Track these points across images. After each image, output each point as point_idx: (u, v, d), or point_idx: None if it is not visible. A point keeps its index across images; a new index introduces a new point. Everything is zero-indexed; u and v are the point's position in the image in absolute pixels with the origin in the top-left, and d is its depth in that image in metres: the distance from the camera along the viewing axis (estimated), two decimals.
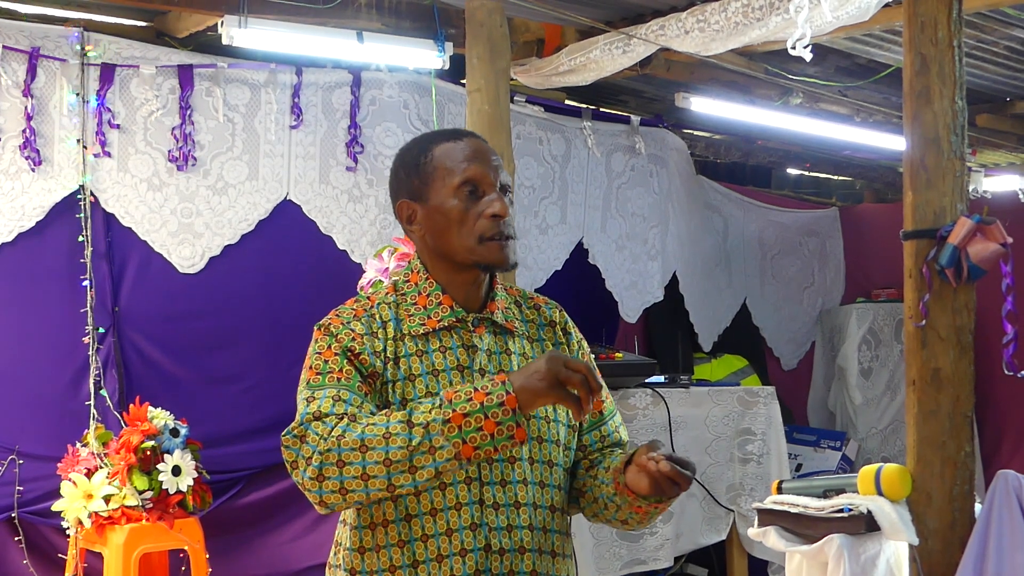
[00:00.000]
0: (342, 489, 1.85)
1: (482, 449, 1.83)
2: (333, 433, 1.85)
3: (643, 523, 2.08)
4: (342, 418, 1.88)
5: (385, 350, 2.00)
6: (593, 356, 2.27)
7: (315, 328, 2.04)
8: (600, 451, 2.17)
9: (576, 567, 2.16)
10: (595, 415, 2.18)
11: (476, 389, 1.85)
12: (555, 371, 1.83)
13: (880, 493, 3.44)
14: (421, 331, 2.03)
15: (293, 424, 1.92)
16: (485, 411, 1.82)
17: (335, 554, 2.08)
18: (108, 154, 4.58)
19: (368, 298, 2.09)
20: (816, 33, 3.85)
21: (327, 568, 2.11)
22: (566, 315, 2.21)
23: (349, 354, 1.97)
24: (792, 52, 3.63)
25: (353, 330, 2.00)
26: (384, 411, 1.91)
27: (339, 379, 1.95)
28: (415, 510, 1.96)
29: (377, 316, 2.04)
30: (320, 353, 1.99)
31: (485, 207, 2.03)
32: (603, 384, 2.22)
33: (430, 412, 1.83)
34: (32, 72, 4.41)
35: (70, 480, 4.17)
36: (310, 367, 1.99)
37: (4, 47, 4.35)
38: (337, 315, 2.04)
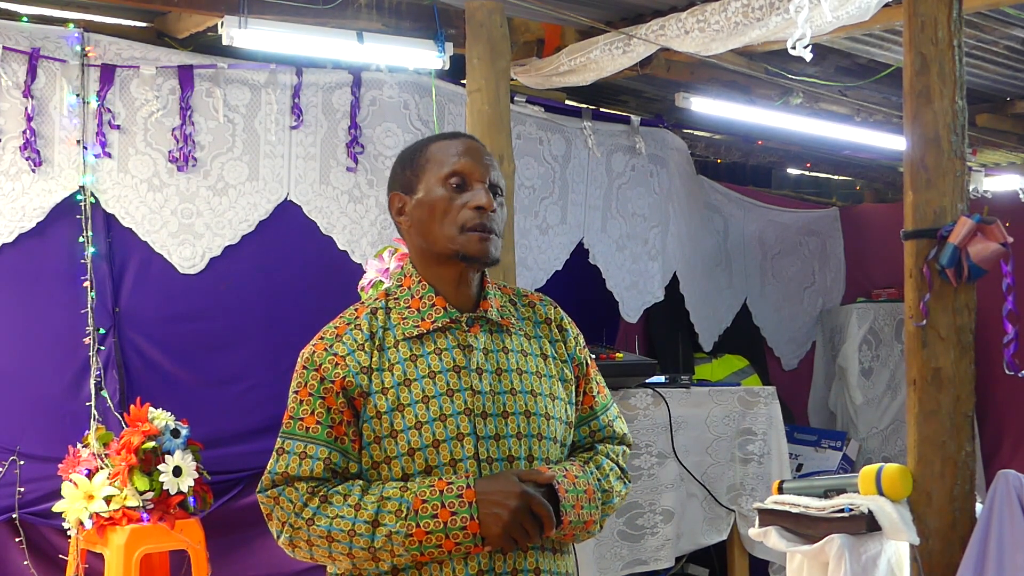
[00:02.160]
0: (311, 558, 2.01)
1: (438, 558, 1.95)
2: (303, 514, 1.95)
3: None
4: (313, 493, 1.96)
5: (371, 363, 2.01)
6: (594, 356, 2.27)
7: (300, 357, 2.06)
8: (590, 445, 2.19)
9: (577, 567, 2.16)
10: (585, 410, 2.19)
11: (443, 504, 1.91)
12: (515, 524, 1.92)
13: (881, 493, 3.44)
14: (415, 333, 2.04)
15: (265, 480, 2.01)
16: (447, 532, 1.92)
17: None
18: (108, 155, 4.58)
19: (355, 310, 2.09)
20: (816, 33, 3.85)
21: (326, 572, 2.11)
22: (561, 311, 2.21)
23: (329, 388, 2.00)
24: (792, 52, 3.63)
25: (336, 354, 2.01)
26: (355, 496, 1.95)
27: (308, 428, 2.00)
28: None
29: (364, 327, 2.04)
30: (296, 392, 2.04)
31: (470, 198, 2.05)
32: (599, 379, 2.23)
33: (396, 517, 1.91)
34: (32, 73, 4.41)
35: (71, 481, 4.17)
36: (288, 406, 2.05)
37: (4, 48, 4.35)
38: (321, 338, 2.06)
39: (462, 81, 4.92)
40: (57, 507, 4.19)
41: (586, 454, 2.16)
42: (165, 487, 4.17)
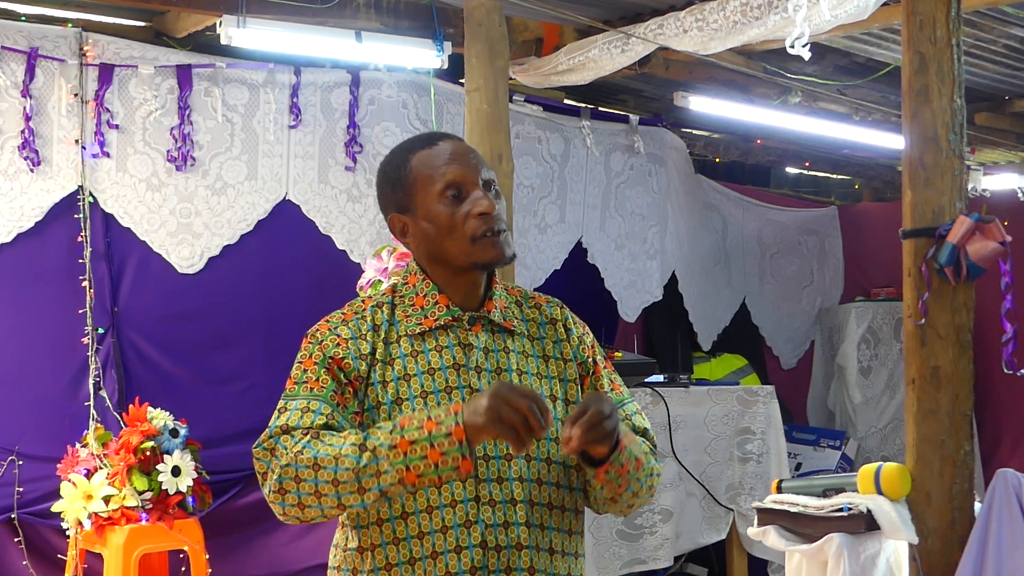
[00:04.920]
0: (300, 504, 1.90)
1: (425, 477, 1.85)
2: (294, 449, 1.90)
3: (616, 494, 2.03)
4: (307, 433, 1.92)
5: (373, 352, 2.02)
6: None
7: (305, 335, 2.07)
8: None
9: (582, 565, 2.15)
10: None
11: (429, 418, 1.87)
12: (496, 408, 1.83)
13: (880, 492, 3.44)
14: (417, 330, 2.04)
15: (263, 436, 1.97)
16: (432, 440, 1.84)
17: (335, 556, 2.09)
18: (107, 154, 4.58)
19: (362, 302, 2.10)
20: (815, 32, 3.85)
21: (328, 570, 2.11)
22: (567, 311, 2.21)
23: (330, 362, 2.00)
24: (791, 51, 3.63)
25: (339, 335, 2.03)
26: (348, 431, 1.93)
27: (312, 388, 1.99)
28: (411, 508, 1.97)
29: (368, 319, 2.05)
30: (301, 362, 2.03)
31: (471, 207, 2.03)
32: (613, 377, 2.21)
33: (380, 436, 1.87)
34: (31, 72, 4.41)
35: (70, 481, 4.17)
36: (290, 376, 2.04)
37: (3, 47, 4.35)
38: (326, 321, 2.07)
39: (461, 80, 4.91)
40: (56, 507, 4.19)
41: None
42: (164, 487, 4.17)
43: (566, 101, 6.16)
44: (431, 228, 2.05)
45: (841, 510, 3.45)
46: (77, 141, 4.50)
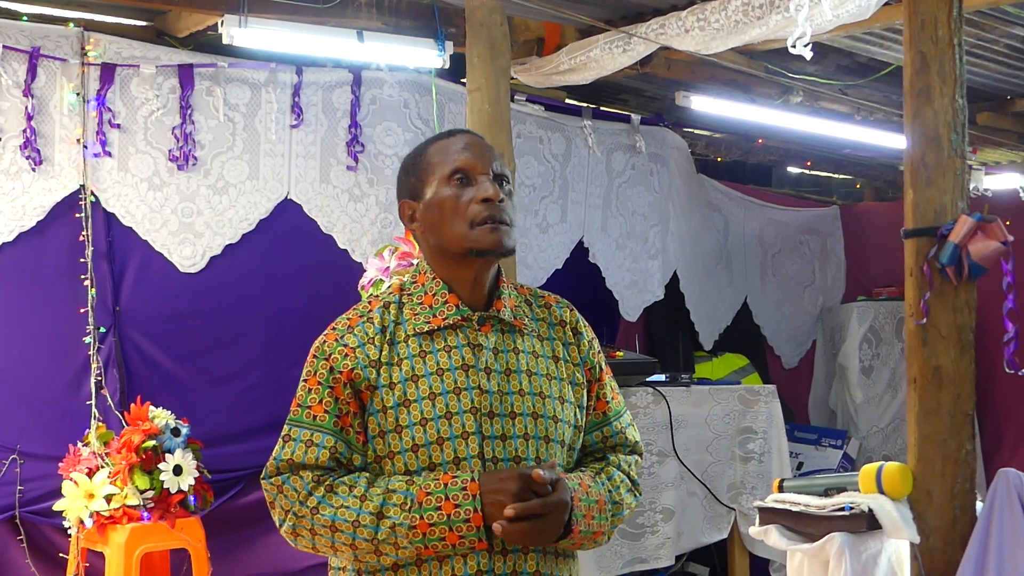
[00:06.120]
0: (313, 548, 1.99)
1: (441, 552, 1.93)
2: (308, 502, 1.94)
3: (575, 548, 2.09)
4: (319, 482, 1.95)
5: (381, 356, 2.01)
6: (604, 355, 2.25)
7: (312, 347, 2.07)
8: (602, 451, 2.18)
9: (578, 566, 2.15)
10: (598, 415, 2.18)
11: (447, 497, 1.91)
12: (491, 513, 1.90)
13: (881, 491, 3.44)
14: (426, 329, 2.03)
15: (270, 466, 2.00)
16: (450, 524, 1.91)
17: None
18: (109, 154, 4.58)
19: (369, 302, 2.09)
20: (816, 31, 3.85)
21: (328, 570, 2.11)
22: (577, 314, 2.20)
23: (337, 377, 2.00)
24: (792, 51, 3.63)
25: (346, 344, 2.02)
26: (360, 488, 1.95)
27: (315, 416, 1.99)
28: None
29: (376, 320, 2.04)
30: (306, 381, 2.03)
31: (475, 192, 2.04)
32: (613, 385, 2.22)
33: (400, 510, 1.91)
34: (32, 72, 4.41)
35: (71, 480, 4.17)
36: (296, 394, 2.04)
37: (4, 47, 4.35)
38: (333, 329, 2.06)
39: (462, 80, 4.92)
40: (58, 506, 4.19)
41: (598, 464, 2.15)
42: (165, 486, 4.17)
43: (568, 101, 6.16)
44: (436, 211, 2.05)
45: (843, 509, 3.45)
46: (79, 140, 4.51)
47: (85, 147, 4.52)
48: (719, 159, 7.41)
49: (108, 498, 4.13)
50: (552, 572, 2.03)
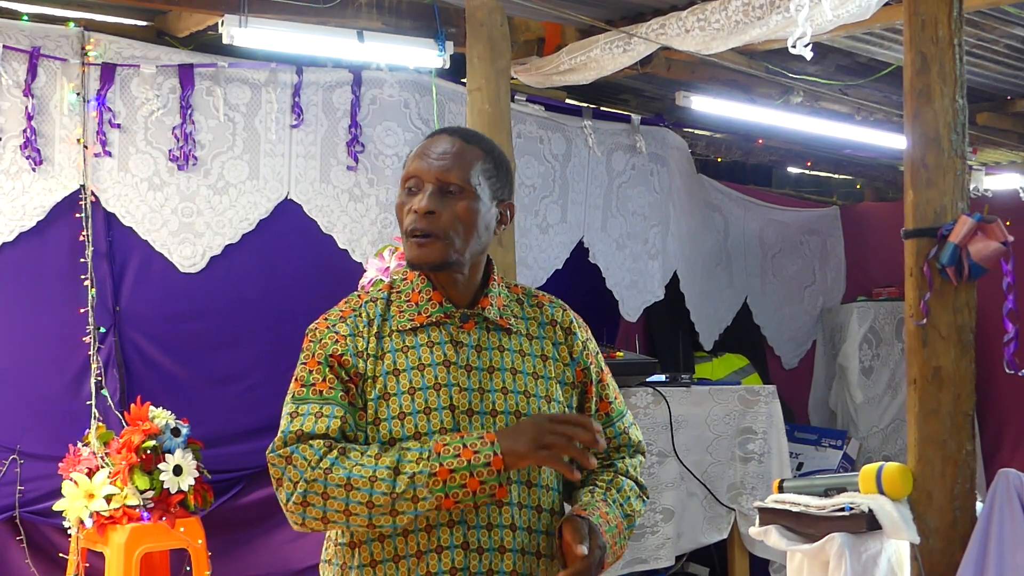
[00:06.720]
0: (324, 518, 1.92)
1: (462, 503, 1.91)
2: (321, 464, 1.91)
3: None
4: (330, 448, 1.93)
5: (368, 348, 2.02)
6: (603, 356, 2.25)
7: (305, 333, 2.08)
8: (606, 452, 2.18)
9: (556, 566, 2.13)
10: (600, 417, 2.18)
11: (465, 445, 1.90)
12: (539, 437, 1.91)
13: (881, 492, 3.44)
14: (409, 326, 2.04)
15: (277, 441, 1.96)
16: (471, 469, 1.89)
17: (326, 549, 2.11)
18: (109, 154, 4.58)
19: (359, 296, 2.11)
20: (817, 32, 3.85)
21: (321, 564, 2.13)
22: (571, 315, 2.19)
23: (332, 360, 2.01)
24: (793, 51, 3.63)
25: (338, 332, 2.04)
26: (372, 447, 1.95)
27: (321, 391, 1.99)
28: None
29: (364, 314, 2.06)
30: (305, 363, 2.04)
31: (412, 202, 2.05)
32: (614, 385, 2.22)
33: (417, 463, 1.89)
34: (33, 72, 4.41)
35: (71, 480, 4.17)
36: (296, 377, 2.04)
37: (5, 47, 4.35)
38: (325, 318, 2.08)
39: (462, 80, 4.92)
40: (58, 506, 4.19)
41: (606, 475, 2.15)
42: (165, 486, 4.17)
43: (568, 101, 6.16)
44: (397, 217, 2.10)
45: (843, 510, 3.45)
46: (79, 140, 4.51)
47: (85, 147, 4.51)
48: (719, 159, 7.41)
49: (108, 498, 4.13)
50: (531, 571, 2.01)
